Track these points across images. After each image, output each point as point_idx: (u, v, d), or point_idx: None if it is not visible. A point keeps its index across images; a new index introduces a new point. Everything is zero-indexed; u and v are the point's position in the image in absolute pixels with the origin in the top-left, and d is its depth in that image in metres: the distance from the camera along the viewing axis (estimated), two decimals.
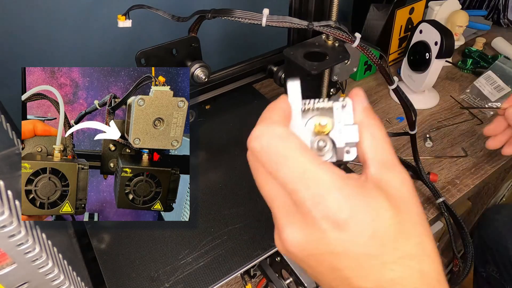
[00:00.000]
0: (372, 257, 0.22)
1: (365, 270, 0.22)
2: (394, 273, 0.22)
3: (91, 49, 0.67)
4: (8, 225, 0.24)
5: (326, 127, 0.25)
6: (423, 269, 0.23)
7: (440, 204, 0.59)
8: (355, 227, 0.22)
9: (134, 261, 0.46)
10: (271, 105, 0.26)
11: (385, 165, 0.25)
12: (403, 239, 0.23)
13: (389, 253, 0.22)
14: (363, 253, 0.22)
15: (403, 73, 0.81)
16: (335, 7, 0.50)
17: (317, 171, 0.22)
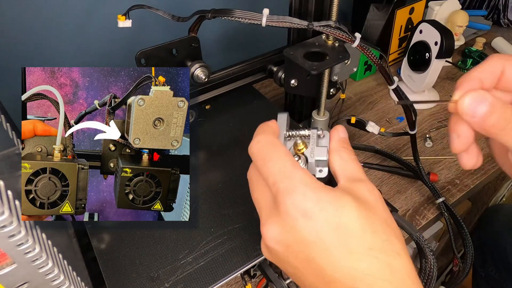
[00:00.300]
0: (340, 246, 0.25)
1: (335, 259, 0.25)
2: (363, 263, 0.24)
3: (91, 49, 0.67)
4: (8, 225, 0.24)
5: (300, 146, 0.31)
6: (391, 263, 0.25)
7: (440, 204, 0.59)
8: (320, 215, 0.25)
9: (134, 261, 0.46)
10: (264, 124, 0.31)
11: (353, 178, 0.29)
12: (370, 233, 0.25)
13: (356, 244, 0.25)
14: (331, 241, 0.25)
15: (403, 73, 0.81)
16: (335, 7, 0.50)
17: (293, 170, 0.27)
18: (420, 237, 0.42)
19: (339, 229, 0.25)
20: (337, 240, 0.25)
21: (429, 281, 0.41)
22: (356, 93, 0.84)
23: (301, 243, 0.26)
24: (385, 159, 0.68)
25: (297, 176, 0.26)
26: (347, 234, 0.25)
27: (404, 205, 0.61)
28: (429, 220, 0.59)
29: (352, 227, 0.25)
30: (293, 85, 0.58)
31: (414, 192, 0.63)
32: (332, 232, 0.25)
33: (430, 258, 0.41)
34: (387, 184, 0.64)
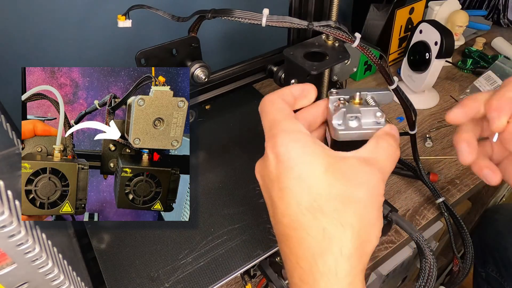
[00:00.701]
0: (292, 193, 0.27)
1: (285, 203, 0.28)
2: (304, 217, 0.27)
3: (91, 49, 0.67)
4: (8, 225, 0.24)
5: (356, 100, 0.32)
6: (327, 229, 0.26)
7: (440, 204, 0.59)
8: (288, 161, 0.28)
9: (134, 261, 0.46)
10: (288, 87, 0.33)
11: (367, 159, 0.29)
12: (326, 196, 0.27)
13: (306, 197, 0.27)
14: (287, 186, 0.27)
15: (403, 73, 0.81)
16: (335, 7, 0.50)
17: (281, 120, 0.30)
18: (420, 237, 0.42)
19: (298, 178, 0.27)
20: (292, 187, 0.27)
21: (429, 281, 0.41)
22: None
23: (268, 180, 0.29)
24: None
25: (282, 124, 0.29)
26: (304, 185, 0.27)
27: (404, 205, 0.61)
28: (429, 220, 0.59)
29: (310, 181, 0.27)
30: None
31: (414, 192, 0.63)
32: (292, 179, 0.27)
33: (430, 258, 0.41)
34: (387, 184, 0.64)
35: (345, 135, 0.31)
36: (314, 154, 0.28)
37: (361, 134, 0.31)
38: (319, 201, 0.27)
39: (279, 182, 0.28)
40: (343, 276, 0.26)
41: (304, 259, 0.27)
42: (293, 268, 0.29)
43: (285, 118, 0.30)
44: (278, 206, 0.29)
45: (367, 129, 0.31)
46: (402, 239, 0.56)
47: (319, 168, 0.27)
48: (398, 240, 0.56)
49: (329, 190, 0.27)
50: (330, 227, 0.26)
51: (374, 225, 0.28)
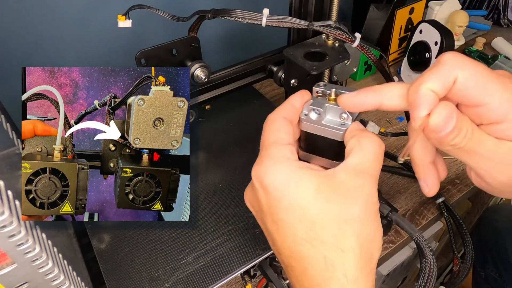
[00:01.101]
0: (287, 225, 0.27)
1: (282, 235, 0.27)
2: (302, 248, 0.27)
3: (91, 49, 0.67)
4: (8, 225, 0.24)
5: (333, 98, 0.31)
6: (328, 257, 0.26)
7: (440, 204, 0.59)
8: (275, 191, 0.27)
9: (134, 261, 0.46)
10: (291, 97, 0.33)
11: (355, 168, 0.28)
12: (321, 223, 0.26)
13: (302, 227, 0.26)
14: (280, 218, 0.27)
15: (403, 73, 0.81)
16: (335, 7, 0.50)
17: (270, 145, 0.29)
18: (420, 237, 0.42)
19: (289, 209, 0.26)
20: (285, 218, 0.27)
21: (429, 281, 0.41)
22: None
23: (260, 212, 0.29)
24: (385, 159, 0.68)
25: (269, 150, 0.29)
26: (296, 214, 0.26)
27: (404, 205, 0.61)
28: (429, 220, 0.59)
29: (302, 209, 0.26)
30: (293, 85, 0.58)
31: (414, 192, 0.63)
32: (283, 210, 0.27)
33: (430, 258, 0.41)
34: (387, 184, 0.64)
35: (304, 125, 0.31)
36: (301, 180, 0.27)
37: (320, 129, 0.31)
38: (314, 229, 0.26)
39: (272, 214, 0.28)
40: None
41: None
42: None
43: (275, 143, 0.29)
44: (276, 238, 0.28)
45: (328, 127, 0.31)
46: (402, 239, 0.56)
47: (308, 194, 0.26)
48: (398, 240, 0.56)
49: (322, 215, 0.26)
50: (330, 255, 0.26)
51: (374, 238, 0.27)
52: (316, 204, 0.26)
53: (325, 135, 0.31)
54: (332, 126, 0.31)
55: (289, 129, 0.30)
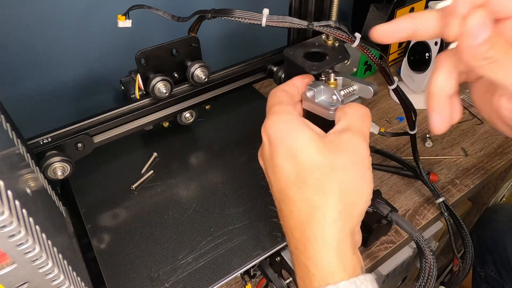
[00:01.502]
0: (283, 170, 0.30)
1: (278, 177, 0.31)
2: (291, 191, 0.30)
3: (90, 49, 0.67)
4: (8, 225, 0.24)
5: (332, 80, 0.37)
6: (311, 198, 0.29)
7: (440, 204, 0.59)
8: (277, 142, 0.30)
9: (134, 261, 0.46)
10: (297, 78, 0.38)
11: (342, 128, 0.32)
12: (309, 169, 0.29)
13: (292, 174, 0.29)
14: (279, 163, 0.30)
15: (403, 73, 0.81)
16: (335, 7, 0.50)
17: (276, 104, 0.33)
18: (420, 237, 0.42)
19: (285, 156, 0.30)
20: (282, 164, 0.30)
21: (429, 281, 0.41)
22: None
23: (265, 162, 0.33)
24: (385, 159, 0.68)
25: (273, 108, 0.32)
26: (290, 161, 0.29)
27: (404, 205, 0.61)
28: (429, 220, 0.59)
29: (296, 157, 0.29)
30: None
31: (414, 192, 0.63)
32: (281, 157, 0.30)
33: (430, 258, 0.41)
34: (387, 184, 0.64)
35: (303, 103, 0.36)
36: (298, 132, 0.30)
37: (315, 108, 0.35)
38: (303, 174, 0.29)
39: (272, 161, 0.31)
40: (329, 240, 0.28)
41: (295, 229, 0.30)
42: (288, 239, 0.31)
43: (278, 103, 0.33)
44: (273, 184, 0.31)
45: (320, 106, 0.34)
46: (402, 239, 0.56)
47: (303, 144, 0.29)
48: (398, 240, 0.56)
49: (312, 163, 0.29)
50: (313, 196, 0.28)
51: (359, 189, 0.29)
52: (308, 152, 0.29)
53: (319, 114, 0.35)
54: (323, 105, 0.34)
55: (290, 98, 0.34)
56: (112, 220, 0.51)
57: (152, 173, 0.57)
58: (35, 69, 0.63)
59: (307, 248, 0.28)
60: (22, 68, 0.62)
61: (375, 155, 0.68)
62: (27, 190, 0.33)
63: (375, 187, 0.63)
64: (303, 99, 0.36)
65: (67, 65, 0.66)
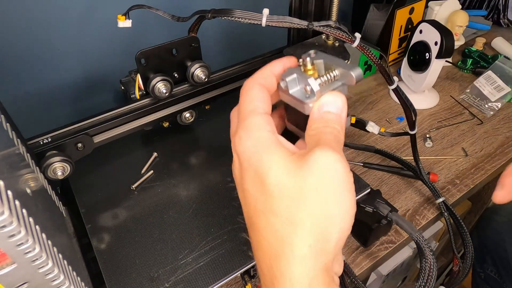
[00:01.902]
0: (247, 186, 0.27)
1: (245, 192, 0.27)
2: (260, 220, 0.26)
3: (90, 49, 0.67)
4: (8, 225, 0.24)
5: (309, 67, 0.29)
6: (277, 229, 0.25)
7: (440, 204, 0.59)
8: (245, 160, 0.28)
9: (134, 261, 0.46)
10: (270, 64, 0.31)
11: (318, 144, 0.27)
12: (277, 197, 0.25)
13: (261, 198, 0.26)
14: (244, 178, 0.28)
15: (403, 73, 0.81)
16: (335, 7, 0.50)
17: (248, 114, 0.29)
18: (420, 237, 0.42)
19: (253, 179, 0.26)
20: (250, 189, 0.27)
21: (429, 281, 0.41)
22: (356, 93, 0.84)
23: (236, 181, 0.30)
24: (385, 159, 0.68)
25: (246, 120, 0.29)
26: (257, 186, 0.26)
27: (404, 205, 0.61)
28: (429, 220, 0.59)
29: (264, 182, 0.26)
30: None
31: (414, 192, 0.63)
32: (248, 180, 0.27)
33: (430, 258, 0.41)
34: (387, 184, 0.64)
35: (279, 94, 0.31)
36: (266, 152, 0.26)
37: (290, 100, 0.30)
38: (270, 201, 0.25)
39: (242, 185, 0.28)
40: (296, 280, 0.24)
41: (263, 263, 0.26)
42: (258, 271, 0.28)
43: (251, 113, 0.29)
44: (243, 208, 0.28)
45: (294, 98, 0.29)
46: (402, 239, 0.56)
47: (270, 167, 0.25)
48: (398, 240, 0.56)
49: (279, 187, 0.25)
50: (281, 228, 0.24)
51: (335, 215, 0.24)
52: (275, 176, 0.25)
53: (297, 108, 0.29)
54: (298, 98, 0.29)
55: (265, 97, 0.29)
56: (112, 220, 0.51)
57: (152, 173, 0.57)
58: (35, 69, 0.63)
59: (274, 287, 0.25)
60: (22, 68, 0.62)
61: (375, 155, 0.68)
62: (27, 190, 0.33)
63: (375, 187, 0.63)
64: (278, 90, 0.30)
65: (67, 65, 0.66)
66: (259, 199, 0.26)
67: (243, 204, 0.28)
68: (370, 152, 0.68)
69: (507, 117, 0.77)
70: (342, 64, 0.29)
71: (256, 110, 0.29)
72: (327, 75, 0.29)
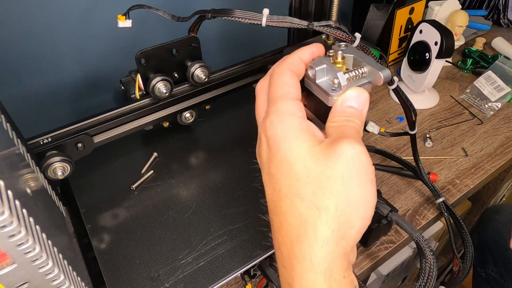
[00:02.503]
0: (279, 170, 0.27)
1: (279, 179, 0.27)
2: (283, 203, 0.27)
3: (90, 49, 0.67)
4: (8, 225, 0.24)
5: (339, 60, 0.30)
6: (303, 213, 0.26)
7: (440, 204, 0.59)
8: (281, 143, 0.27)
9: (134, 261, 0.46)
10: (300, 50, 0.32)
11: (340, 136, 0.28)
12: (305, 180, 0.26)
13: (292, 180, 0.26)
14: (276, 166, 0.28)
15: (403, 73, 0.81)
16: (335, 7, 0.50)
17: (280, 99, 0.29)
18: (420, 237, 0.42)
19: (279, 164, 0.27)
20: (275, 172, 0.27)
21: (429, 281, 0.41)
22: None
23: (261, 163, 0.30)
24: (385, 159, 0.68)
25: (277, 104, 0.29)
26: (284, 170, 0.27)
27: (404, 205, 0.61)
28: (429, 220, 0.59)
29: (290, 166, 0.27)
30: None
31: (414, 192, 0.63)
32: (275, 164, 0.27)
33: (430, 258, 0.41)
34: (387, 184, 0.64)
35: (305, 81, 0.31)
36: (296, 138, 0.27)
37: (313, 87, 0.30)
38: (297, 185, 0.26)
39: (268, 167, 0.28)
40: (317, 261, 0.25)
41: (283, 245, 0.27)
42: (276, 252, 0.29)
43: (283, 97, 0.29)
44: (266, 191, 0.29)
45: (320, 88, 0.30)
46: (402, 239, 0.56)
47: (299, 152, 0.27)
48: (398, 240, 0.56)
49: (307, 173, 0.26)
50: (306, 211, 0.26)
51: (359, 204, 0.26)
52: (303, 162, 0.26)
53: (320, 97, 0.30)
54: (324, 88, 0.29)
55: (296, 83, 0.30)
56: (112, 220, 0.51)
57: (152, 173, 0.57)
58: (36, 69, 0.63)
59: (294, 268, 0.26)
60: (22, 68, 0.62)
61: (375, 155, 0.68)
62: (27, 190, 0.33)
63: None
64: (304, 76, 0.31)
65: (67, 65, 0.66)
66: (285, 183, 0.27)
67: (267, 187, 0.29)
68: (370, 152, 0.68)
69: (507, 117, 0.77)
70: (372, 62, 0.30)
71: (287, 96, 0.29)
72: (356, 71, 0.30)
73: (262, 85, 0.33)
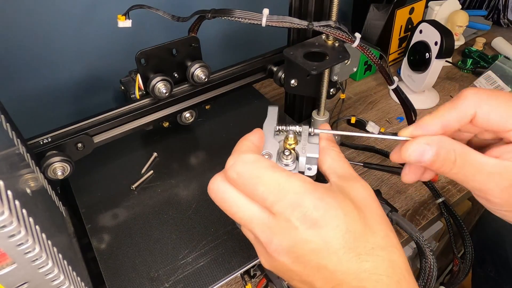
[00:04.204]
0: (349, 250, 0.25)
1: (345, 262, 0.25)
2: (368, 263, 0.25)
3: (90, 49, 0.67)
4: (8, 225, 0.24)
5: (291, 140, 0.31)
6: (392, 259, 0.26)
7: (440, 204, 0.59)
8: (331, 222, 0.26)
9: (134, 261, 0.46)
10: (241, 139, 0.31)
11: (344, 177, 0.30)
12: (371, 233, 0.27)
13: (362, 246, 0.26)
14: (341, 247, 0.25)
15: (403, 73, 0.81)
16: (335, 7, 0.50)
17: (290, 181, 0.26)
18: (420, 237, 0.42)
19: (347, 233, 0.26)
20: (345, 244, 0.26)
21: (429, 281, 0.41)
22: (356, 93, 0.84)
23: (312, 253, 0.26)
24: (385, 159, 0.68)
25: (298, 186, 0.26)
26: (354, 237, 0.26)
27: (404, 205, 0.61)
28: (429, 220, 0.59)
29: (357, 231, 0.26)
30: (293, 85, 0.58)
31: (414, 192, 0.63)
32: (341, 238, 0.26)
33: (430, 258, 0.41)
34: (387, 184, 0.64)
35: None
36: (343, 204, 0.27)
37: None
38: (370, 240, 0.27)
39: (330, 245, 0.27)
40: None
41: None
42: None
43: (289, 176, 0.28)
44: (334, 272, 0.27)
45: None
46: (402, 239, 0.56)
47: (353, 213, 0.27)
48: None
49: (369, 225, 0.27)
50: (392, 256, 0.26)
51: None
52: (362, 217, 0.27)
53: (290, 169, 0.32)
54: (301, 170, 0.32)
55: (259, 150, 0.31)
56: (112, 220, 0.51)
57: (152, 173, 0.57)
58: (36, 69, 0.64)
59: None
60: (22, 68, 0.62)
61: (375, 155, 0.68)
62: (27, 190, 0.33)
63: (375, 187, 0.63)
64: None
65: (67, 65, 0.66)
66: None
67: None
68: (370, 152, 0.68)
69: None
70: (312, 142, 0.33)
71: (251, 147, 0.32)
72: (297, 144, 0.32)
73: (219, 188, 0.32)
